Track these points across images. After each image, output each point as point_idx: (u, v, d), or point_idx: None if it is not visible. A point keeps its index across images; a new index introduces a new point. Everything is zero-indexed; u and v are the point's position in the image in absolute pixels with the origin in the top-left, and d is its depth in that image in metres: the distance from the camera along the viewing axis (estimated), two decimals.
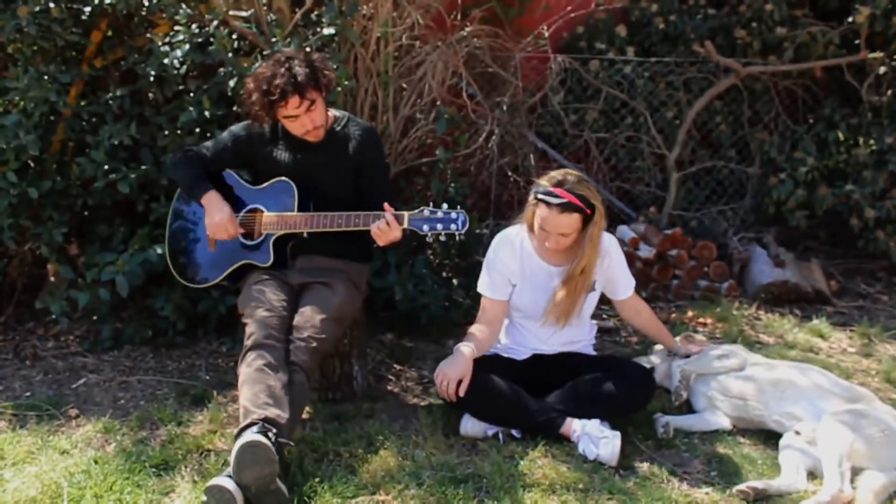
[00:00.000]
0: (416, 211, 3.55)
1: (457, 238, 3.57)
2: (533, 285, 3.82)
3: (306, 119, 3.66)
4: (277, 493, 3.07)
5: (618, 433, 3.51)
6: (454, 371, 3.59)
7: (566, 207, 3.56)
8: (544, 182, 3.64)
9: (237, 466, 3.04)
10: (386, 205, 3.56)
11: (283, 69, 3.56)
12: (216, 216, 3.77)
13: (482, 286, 3.88)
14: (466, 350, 3.66)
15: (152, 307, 4.66)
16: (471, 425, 3.70)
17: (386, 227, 3.53)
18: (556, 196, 3.56)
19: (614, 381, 3.65)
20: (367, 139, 3.87)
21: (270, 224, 3.77)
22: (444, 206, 3.54)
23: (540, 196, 3.60)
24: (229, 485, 3.01)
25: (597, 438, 3.50)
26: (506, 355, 3.87)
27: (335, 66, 4.29)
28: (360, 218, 3.61)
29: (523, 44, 5.98)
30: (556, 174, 3.67)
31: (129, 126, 4.55)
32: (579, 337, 3.96)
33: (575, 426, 3.58)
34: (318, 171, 3.81)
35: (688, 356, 4.04)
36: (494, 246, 3.87)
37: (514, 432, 3.69)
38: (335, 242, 3.79)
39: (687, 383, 3.92)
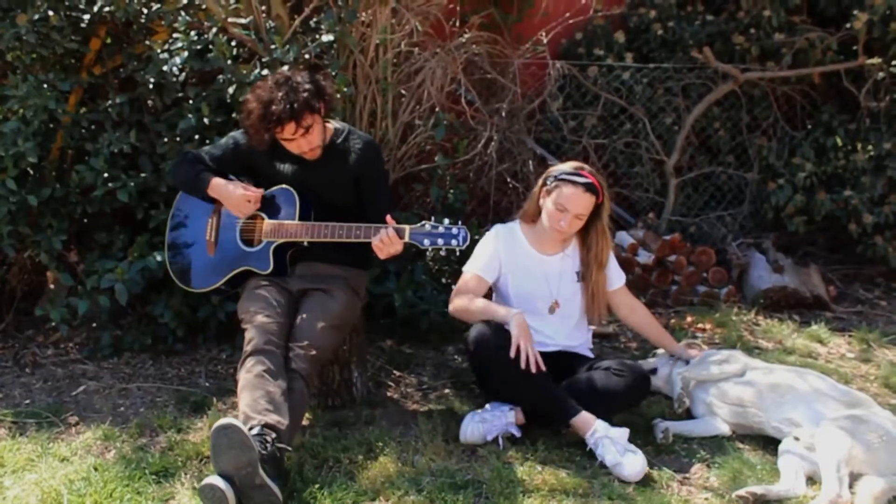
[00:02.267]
0: (418, 225, 3.54)
1: (456, 251, 3.57)
2: (527, 276, 3.92)
3: (303, 142, 3.67)
4: (265, 489, 3.04)
5: (643, 455, 3.43)
6: (527, 338, 3.59)
7: (590, 188, 3.76)
8: (563, 167, 3.85)
9: (213, 453, 3.04)
10: (388, 218, 3.56)
11: (280, 94, 3.54)
12: (232, 198, 3.77)
13: (473, 265, 3.95)
14: (518, 314, 3.67)
15: (152, 314, 4.67)
16: (470, 431, 3.69)
17: (387, 241, 3.53)
18: (583, 176, 3.76)
19: (609, 378, 3.67)
20: (367, 152, 3.87)
21: (271, 232, 3.77)
22: (446, 220, 3.54)
23: (564, 176, 3.78)
24: (219, 482, 3.00)
25: (623, 449, 3.44)
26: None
27: (334, 73, 4.30)
28: (362, 230, 3.60)
29: (522, 50, 5.99)
30: (571, 163, 3.91)
31: (128, 133, 4.56)
32: (577, 336, 3.99)
33: (598, 426, 3.53)
34: (319, 183, 3.82)
35: (688, 361, 4.05)
36: (494, 232, 4.01)
37: (514, 432, 3.69)
38: (335, 250, 3.78)
39: (688, 390, 3.93)
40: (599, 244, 3.92)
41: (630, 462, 3.39)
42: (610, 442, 3.47)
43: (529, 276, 3.92)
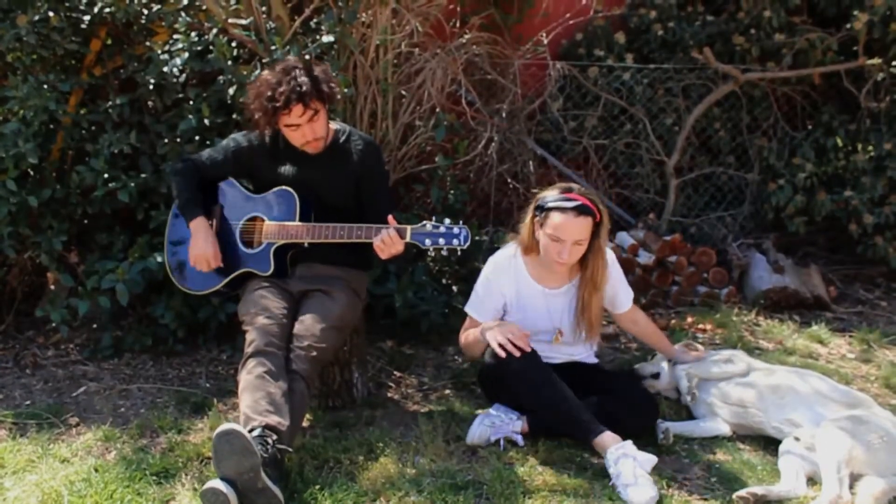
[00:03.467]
0: (419, 225, 3.54)
1: (458, 251, 3.56)
2: (529, 309, 3.82)
3: (307, 129, 3.66)
4: (267, 493, 3.04)
5: (657, 490, 3.26)
6: (512, 327, 3.57)
7: (582, 210, 3.55)
8: (549, 193, 3.64)
9: (216, 458, 3.04)
10: (390, 218, 3.56)
11: (288, 77, 3.57)
12: (200, 247, 3.78)
13: (472, 308, 3.87)
14: (486, 324, 3.68)
15: (152, 315, 4.67)
16: (478, 434, 3.68)
17: (389, 241, 3.52)
18: (571, 200, 3.55)
19: (622, 406, 3.62)
20: (368, 153, 3.87)
21: (271, 233, 3.77)
22: (447, 220, 3.53)
23: (551, 204, 3.58)
24: (222, 486, 3.00)
25: (641, 475, 3.25)
26: None
27: (335, 74, 4.30)
28: (363, 230, 3.60)
29: (522, 51, 5.99)
30: (558, 186, 3.69)
31: (128, 134, 4.56)
32: (583, 348, 3.97)
33: (627, 444, 3.37)
34: (319, 184, 3.82)
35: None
36: (489, 273, 3.86)
37: (518, 440, 3.68)
38: (335, 251, 3.78)
39: (697, 383, 3.92)
40: (595, 264, 3.72)
41: (641, 488, 3.19)
42: (632, 462, 3.29)
43: (533, 311, 3.82)
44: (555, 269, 3.73)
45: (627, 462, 3.29)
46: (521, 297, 3.82)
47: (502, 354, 3.54)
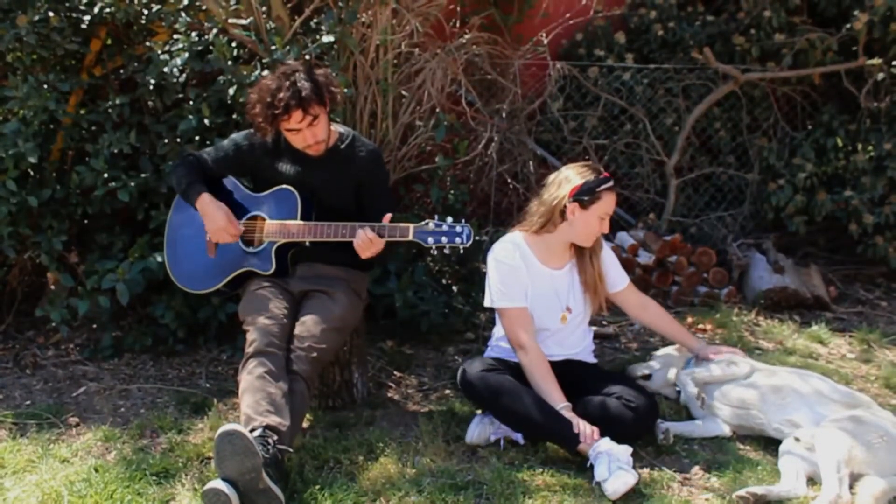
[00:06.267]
0: (422, 223, 3.54)
1: (460, 249, 3.56)
2: (538, 295, 3.82)
3: (308, 133, 3.66)
4: (268, 493, 3.05)
5: (636, 475, 3.31)
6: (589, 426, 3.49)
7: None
8: (587, 178, 3.70)
9: (217, 459, 3.05)
10: (387, 216, 3.57)
11: (287, 83, 3.55)
12: (215, 221, 3.76)
13: (503, 299, 3.78)
14: (566, 407, 3.58)
15: (152, 315, 4.67)
16: (478, 433, 3.69)
17: (367, 241, 3.53)
18: (608, 178, 3.73)
19: (623, 407, 3.60)
20: (370, 160, 3.87)
21: (272, 232, 3.77)
22: (449, 219, 3.53)
23: (603, 188, 3.70)
24: (223, 486, 3.01)
25: (616, 466, 3.31)
26: (513, 361, 3.80)
27: (335, 74, 4.30)
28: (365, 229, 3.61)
29: (522, 51, 5.99)
30: (583, 167, 3.79)
31: (128, 134, 4.56)
32: (581, 342, 3.97)
33: (601, 443, 3.41)
34: (320, 186, 3.82)
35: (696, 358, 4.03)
36: (504, 259, 3.80)
37: (518, 439, 3.68)
38: (336, 250, 3.77)
39: (704, 387, 3.90)
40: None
41: (615, 477, 3.25)
42: (606, 457, 3.34)
43: (541, 295, 3.81)
44: (585, 239, 3.80)
45: (601, 459, 3.34)
46: (533, 279, 3.82)
47: (586, 441, 3.46)
